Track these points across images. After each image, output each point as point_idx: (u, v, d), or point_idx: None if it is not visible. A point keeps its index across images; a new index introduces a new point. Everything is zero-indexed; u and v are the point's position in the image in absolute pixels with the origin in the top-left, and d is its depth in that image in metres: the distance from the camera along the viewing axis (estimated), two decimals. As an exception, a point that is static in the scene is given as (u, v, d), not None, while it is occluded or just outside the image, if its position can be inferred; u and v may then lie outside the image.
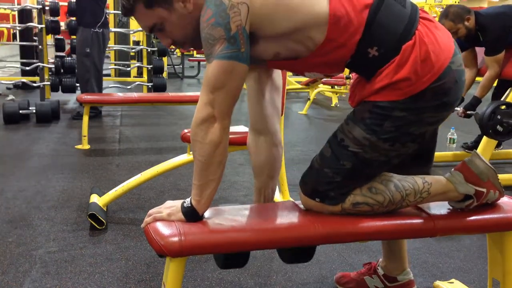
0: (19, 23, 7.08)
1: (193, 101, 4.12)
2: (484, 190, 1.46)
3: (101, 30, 5.06)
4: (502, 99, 3.05)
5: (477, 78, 4.25)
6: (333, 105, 6.70)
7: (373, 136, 1.34)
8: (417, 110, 1.33)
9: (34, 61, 6.39)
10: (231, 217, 1.39)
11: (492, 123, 2.78)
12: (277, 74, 1.60)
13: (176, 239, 1.25)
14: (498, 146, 3.74)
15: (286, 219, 1.42)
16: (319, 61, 1.37)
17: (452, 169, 1.49)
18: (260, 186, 1.65)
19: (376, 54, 1.32)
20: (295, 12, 1.29)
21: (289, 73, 6.52)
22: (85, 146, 3.96)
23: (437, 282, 1.91)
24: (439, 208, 1.51)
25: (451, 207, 1.52)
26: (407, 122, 1.33)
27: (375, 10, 1.31)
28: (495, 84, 3.59)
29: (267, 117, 1.58)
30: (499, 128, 2.78)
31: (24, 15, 7.11)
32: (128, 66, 7.71)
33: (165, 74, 7.73)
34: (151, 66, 6.29)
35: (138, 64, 7.56)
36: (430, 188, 1.43)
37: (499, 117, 2.77)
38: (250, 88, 1.57)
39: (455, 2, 10.19)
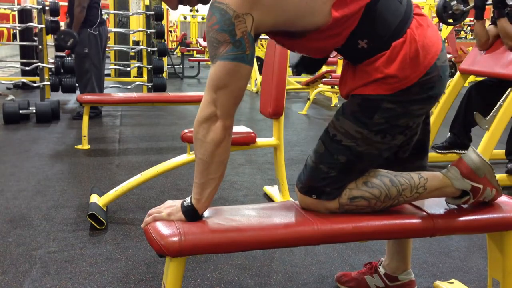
0: (19, 23, 7.08)
1: (193, 101, 4.12)
2: (481, 186, 1.46)
3: (97, 31, 5.04)
4: (501, 101, 3.04)
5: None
6: (333, 105, 6.70)
7: (365, 129, 1.37)
8: (405, 103, 1.36)
9: (34, 61, 6.39)
10: (231, 217, 1.39)
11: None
12: None
13: (176, 239, 1.25)
14: (465, 148, 3.73)
15: (286, 219, 1.42)
16: (311, 45, 1.38)
17: (449, 165, 1.50)
18: None
19: (365, 47, 1.34)
20: (297, 22, 1.31)
21: (289, 73, 6.52)
22: (85, 146, 3.96)
23: (437, 282, 1.91)
24: (439, 207, 1.51)
25: (450, 207, 1.52)
26: (396, 114, 1.36)
27: (372, 4, 1.32)
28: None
29: None
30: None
31: (24, 15, 7.11)
32: (128, 66, 7.70)
33: (165, 74, 7.73)
34: (151, 66, 6.28)
35: (138, 64, 7.56)
36: (426, 184, 1.44)
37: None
38: None
39: (455, 2, 10.17)
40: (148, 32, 6.38)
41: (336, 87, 6.52)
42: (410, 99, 1.35)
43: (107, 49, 5.88)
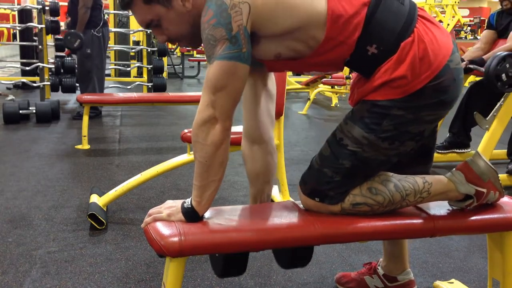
0: (19, 23, 7.08)
1: (193, 101, 4.12)
2: (485, 190, 1.46)
3: (101, 32, 5.06)
4: (501, 101, 3.04)
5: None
6: (333, 105, 6.70)
7: (372, 135, 1.35)
8: (415, 108, 1.33)
9: (34, 61, 6.39)
10: (231, 217, 1.39)
11: (498, 74, 2.82)
12: (272, 82, 1.60)
13: (176, 239, 1.25)
14: (465, 147, 3.74)
15: (286, 219, 1.42)
16: (318, 60, 1.37)
17: (453, 169, 1.49)
18: (256, 192, 1.65)
19: (375, 52, 1.32)
20: (294, 10, 1.29)
21: (289, 73, 6.52)
22: (85, 146, 3.96)
23: (437, 282, 1.91)
24: (439, 208, 1.51)
25: (451, 207, 1.52)
26: (405, 120, 1.34)
27: (373, 7, 1.31)
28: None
29: (262, 125, 1.57)
30: (505, 78, 2.83)
31: (24, 15, 7.11)
32: (128, 66, 7.70)
33: (165, 74, 7.73)
34: (151, 66, 6.28)
35: (138, 64, 7.56)
36: (431, 188, 1.43)
37: (506, 66, 2.80)
38: (246, 96, 1.56)
39: (456, 2, 10.18)
40: (148, 32, 6.37)
41: (336, 87, 6.53)
42: (421, 104, 1.33)
43: (107, 49, 5.88)
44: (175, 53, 13.47)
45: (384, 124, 1.34)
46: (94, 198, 2.51)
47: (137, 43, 9.34)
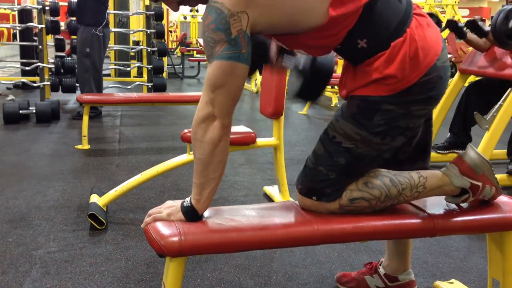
0: (19, 23, 7.07)
1: (193, 101, 4.12)
2: (480, 184, 1.46)
3: (102, 32, 5.06)
4: (501, 101, 3.05)
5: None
6: (333, 105, 6.69)
7: (364, 131, 1.36)
8: (405, 103, 1.35)
9: (34, 61, 6.39)
10: (231, 217, 1.39)
11: (508, 16, 2.81)
12: None
13: (176, 239, 1.25)
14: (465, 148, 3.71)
15: (286, 219, 1.43)
16: (308, 42, 1.38)
17: (448, 163, 1.50)
18: None
19: (365, 46, 1.34)
20: (294, 21, 1.31)
21: (288, 73, 6.50)
22: (85, 146, 3.96)
23: (437, 282, 1.91)
24: (439, 208, 1.51)
25: (449, 207, 1.52)
26: (396, 115, 1.35)
27: (371, 3, 1.31)
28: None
29: None
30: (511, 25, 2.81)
31: (24, 15, 7.10)
32: (128, 66, 7.70)
33: (165, 74, 7.73)
34: (151, 66, 6.28)
35: (138, 64, 7.55)
36: (426, 183, 1.44)
37: None
38: None
39: (456, 2, 10.18)
40: (148, 32, 6.37)
41: (336, 87, 6.51)
42: (410, 100, 1.35)
43: (107, 50, 5.89)
44: (175, 53, 13.48)
45: (375, 119, 1.35)
46: (94, 198, 2.51)
47: (137, 43, 9.34)
